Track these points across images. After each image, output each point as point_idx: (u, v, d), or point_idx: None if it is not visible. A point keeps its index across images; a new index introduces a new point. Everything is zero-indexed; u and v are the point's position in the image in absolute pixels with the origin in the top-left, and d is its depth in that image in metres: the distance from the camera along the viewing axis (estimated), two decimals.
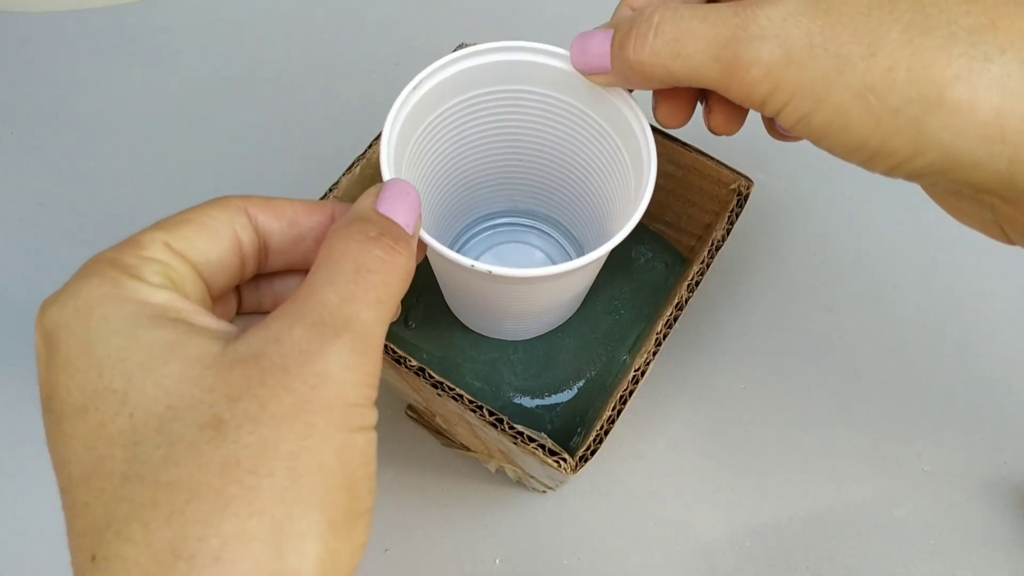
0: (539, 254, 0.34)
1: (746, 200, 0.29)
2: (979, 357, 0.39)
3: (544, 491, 0.36)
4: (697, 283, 0.28)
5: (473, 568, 0.35)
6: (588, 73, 0.25)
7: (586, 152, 0.29)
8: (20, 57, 0.51)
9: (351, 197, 0.30)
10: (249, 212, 0.20)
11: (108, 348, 0.16)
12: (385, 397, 0.39)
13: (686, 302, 0.27)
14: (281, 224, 0.20)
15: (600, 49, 0.24)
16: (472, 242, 0.34)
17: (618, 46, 0.23)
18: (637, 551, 0.35)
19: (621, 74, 0.23)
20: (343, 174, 0.30)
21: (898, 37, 0.18)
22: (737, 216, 0.29)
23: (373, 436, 0.17)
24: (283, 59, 0.51)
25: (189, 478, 0.15)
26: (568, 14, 0.51)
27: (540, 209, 0.33)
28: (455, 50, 0.32)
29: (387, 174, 0.24)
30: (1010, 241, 0.22)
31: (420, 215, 0.21)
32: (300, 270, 0.22)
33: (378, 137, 0.31)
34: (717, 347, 0.40)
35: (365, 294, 0.18)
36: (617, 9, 0.25)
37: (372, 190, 0.21)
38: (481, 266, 0.23)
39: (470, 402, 0.25)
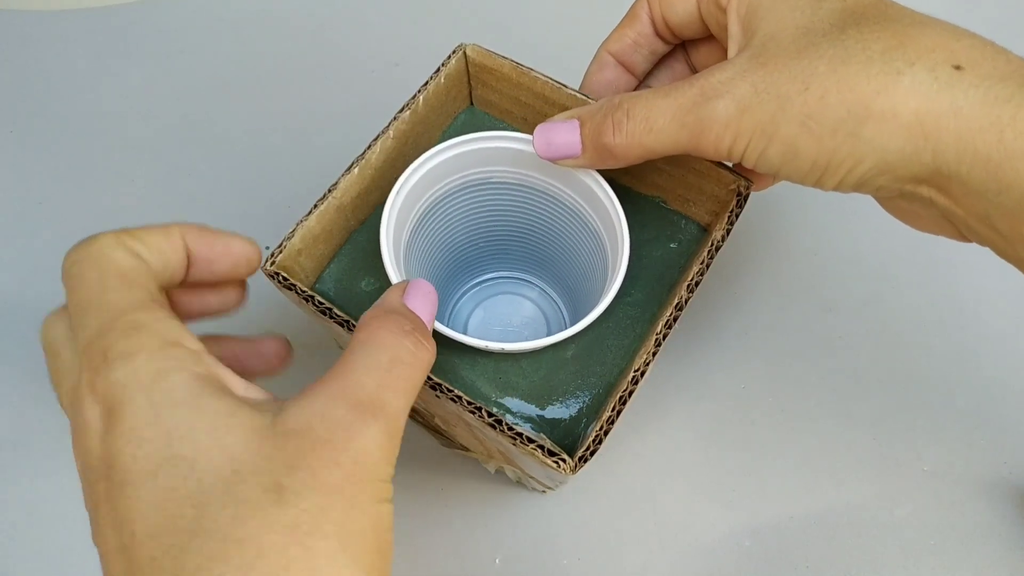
0: (528, 304, 0.36)
1: (746, 200, 0.29)
2: (979, 357, 0.39)
3: (544, 491, 0.36)
4: (697, 283, 0.27)
5: (473, 568, 0.35)
6: (555, 160, 0.27)
7: (562, 220, 0.31)
8: (20, 55, 0.51)
9: (350, 197, 0.30)
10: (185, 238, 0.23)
11: (175, 419, 0.18)
12: None
13: (686, 302, 0.27)
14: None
15: (567, 138, 0.27)
16: (464, 298, 0.36)
17: (595, 134, 0.26)
18: (637, 551, 0.35)
19: (596, 158, 0.26)
20: (342, 174, 0.30)
21: (824, 69, 0.22)
22: (737, 216, 0.29)
23: (392, 508, 0.20)
24: (283, 59, 0.51)
25: (258, 536, 0.17)
26: (567, 13, 0.51)
27: (527, 267, 0.36)
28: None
29: (387, 255, 0.26)
30: (964, 238, 0.24)
31: (436, 311, 0.24)
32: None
33: (378, 137, 0.31)
34: (717, 347, 0.40)
35: (396, 384, 0.20)
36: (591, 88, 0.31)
37: (399, 287, 0.23)
38: (495, 345, 0.26)
39: (469, 403, 0.24)
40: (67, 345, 0.21)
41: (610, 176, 0.32)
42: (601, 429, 0.24)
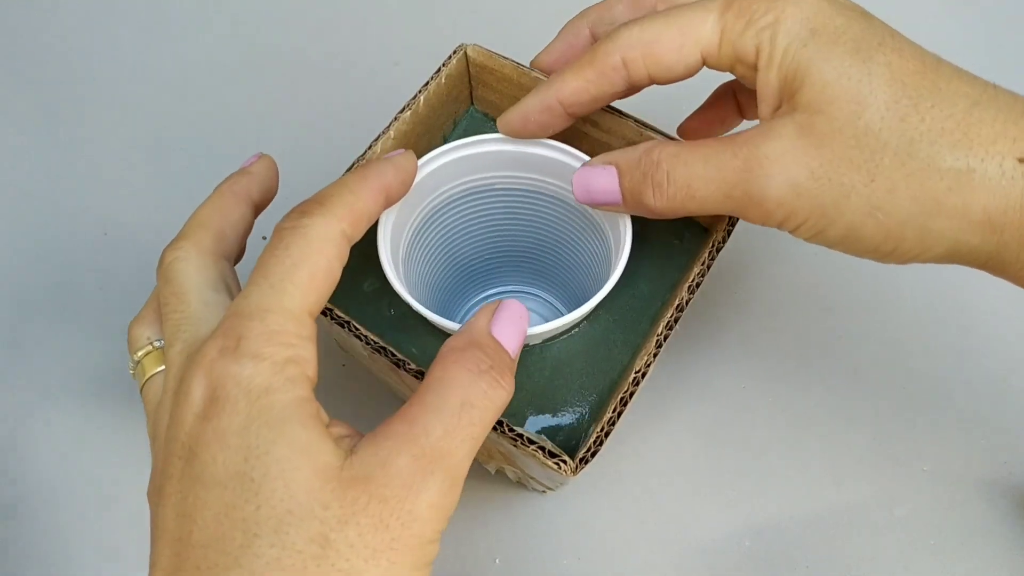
0: (534, 317, 0.36)
1: None
2: (979, 357, 0.39)
3: (544, 491, 0.36)
4: (698, 284, 0.28)
5: (473, 568, 0.35)
6: (595, 206, 0.27)
7: (566, 220, 0.31)
8: (16, 33, 0.51)
9: None
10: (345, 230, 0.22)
11: (259, 438, 0.18)
12: (385, 398, 0.39)
13: (687, 303, 0.27)
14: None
15: (606, 187, 0.26)
16: (471, 314, 0.36)
17: (635, 192, 0.25)
18: (637, 551, 0.35)
19: (636, 210, 0.26)
20: (343, 174, 0.30)
21: (891, 162, 0.22)
22: (738, 216, 0.29)
23: (430, 572, 0.20)
24: (283, 59, 0.51)
25: None
26: (568, 14, 0.51)
27: (531, 279, 0.36)
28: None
29: (385, 257, 0.26)
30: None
31: (525, 336, 0.23)
32: None
33: (378, 137, 0.31)
34: (717, 347, 0.40)
35: (464, 430, 0.20)
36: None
37: (489, 308, 0.23)
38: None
39: None
40: (206, 295, 0.22)
41: None
42: (602, 430, 0.24)
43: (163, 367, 0.23)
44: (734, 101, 0.32)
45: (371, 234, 0.32)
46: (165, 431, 0.20)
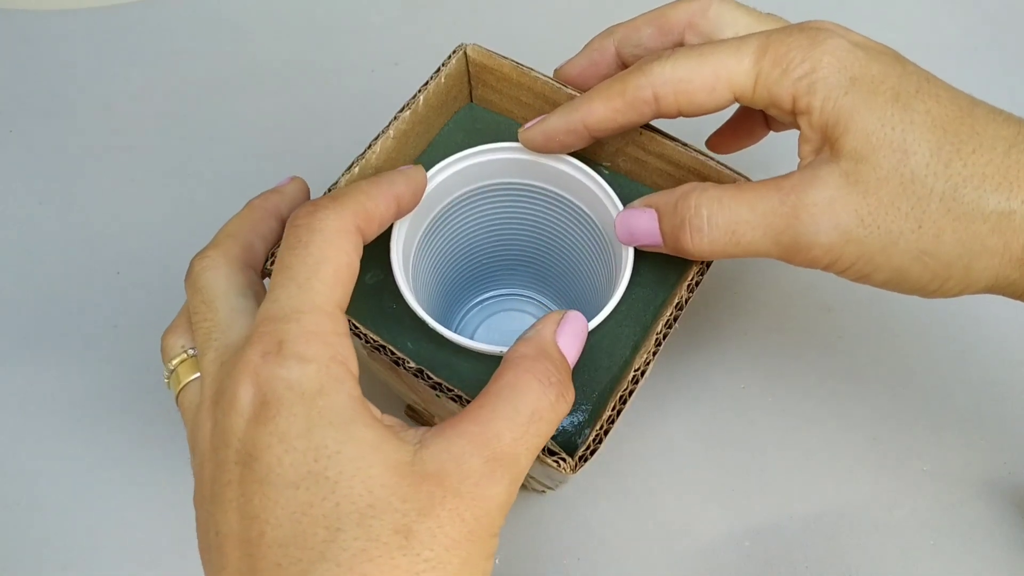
0: (532, 320, 0.36)
1: None
2: (979, 357, 0.39)
3: (544, 491, 0.36)
4: (697, 283, 0.27)
5: None
6: (638, 247, 0.27)
7: (566, 223, 0.31)
8: (20, 55, 0.51)
9: None
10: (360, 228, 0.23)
11: (326, 439, 0.19)
12: (385, 398, 0.39)
13: (686, 302, 0.27)
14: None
15: (648, 230, 0.26)
16: (469, 315, 0.36)
17: (672, 235, 0.26)
18: (637, 551, 0.35)
19: (675, 252, 0.26)
20: (342, 174, 0.30)
21: (937, 207, 0.22)
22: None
23: (493, 563, 0.21)
24: (283, 59, 0.51)
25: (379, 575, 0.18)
26: (568, 13, 0.51)
27: (530, 283, 0.36)
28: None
29: (397, 264, 0.26)
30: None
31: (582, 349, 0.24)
32: None
33: (378, 137, 0.30)
34: (717, 347, 0.40)
35: (530, 440, 0.21)
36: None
37: (555, 317, 0.23)
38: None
39: (468, 403, 0.24)
40: (233, 301, 0.23)
41: (612, 174, 0.32)
42: (601, 429, 0.24)
43: (198, 374, 0.23)
44: (762, 115, 0.32)
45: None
46: (210, 438, 0.21)
